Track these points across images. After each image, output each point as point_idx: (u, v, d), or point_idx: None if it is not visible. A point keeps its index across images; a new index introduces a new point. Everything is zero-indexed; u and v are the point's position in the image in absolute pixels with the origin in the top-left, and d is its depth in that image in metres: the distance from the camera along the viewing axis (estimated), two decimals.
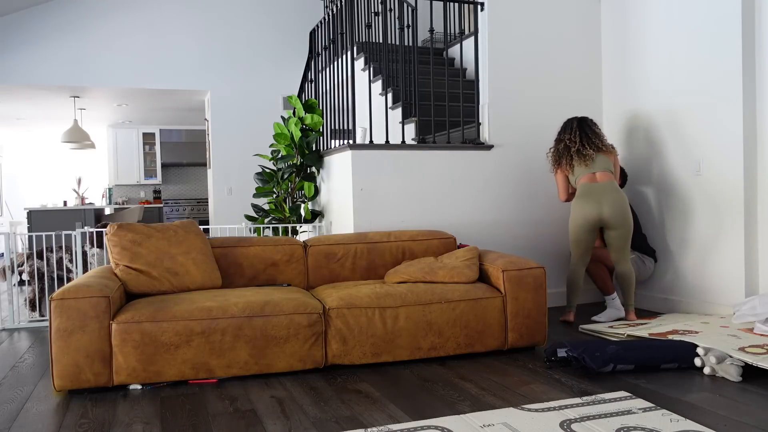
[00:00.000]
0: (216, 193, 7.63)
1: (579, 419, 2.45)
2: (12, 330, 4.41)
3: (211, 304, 3.09)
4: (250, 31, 7.57)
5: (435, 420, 2.47)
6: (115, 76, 7.12)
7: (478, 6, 4.79)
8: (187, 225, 3.69)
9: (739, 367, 2.95)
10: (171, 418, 2.60)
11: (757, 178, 3.99)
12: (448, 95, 4.82)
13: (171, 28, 7.29)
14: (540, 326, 3.55)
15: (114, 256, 3.39)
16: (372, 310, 3.27)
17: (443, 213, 4.58)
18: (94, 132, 10.96)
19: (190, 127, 11.15)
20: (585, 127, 4.24)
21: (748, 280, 4.00)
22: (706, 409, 2.56)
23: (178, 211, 10.95)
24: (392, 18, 5.24)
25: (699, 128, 4.26)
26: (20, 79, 6.86)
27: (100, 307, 2.90)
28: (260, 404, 2.75)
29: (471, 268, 3.64)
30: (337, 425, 2.47)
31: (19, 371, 3.36)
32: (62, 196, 11.85)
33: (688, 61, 4.32)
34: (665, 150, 4.47)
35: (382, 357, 3.28)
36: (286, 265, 3.84)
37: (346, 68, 4.95)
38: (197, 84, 7.43)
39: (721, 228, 4.13)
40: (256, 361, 3.08)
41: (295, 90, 7.54)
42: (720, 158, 4.11)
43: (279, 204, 5.38)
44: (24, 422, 2.58)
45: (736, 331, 3.43)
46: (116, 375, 2.93)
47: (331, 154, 4.85)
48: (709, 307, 4.20)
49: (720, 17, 4.06)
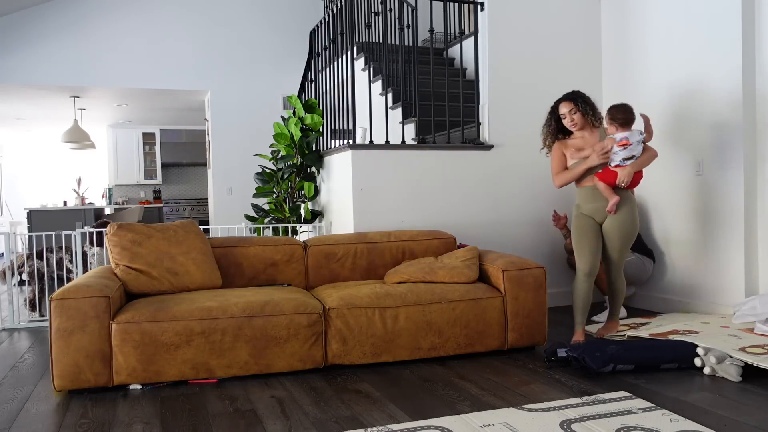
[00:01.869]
0: (216, 193, 7.63)
1: (579, 419, 2.45)
2: (12, 330, 4.41)
3: (211, 304, 3.09)
4: (250, 31, 7.57)
5: (435, 420, 2.47)
6: (115, 76, 7.12)
7: (478, 6, 4.79)
8: (187, 225, 3.69)
9: (739, 367, 2.95)
10: (171, 418, 2.60)
11: (757, 178, 3.99)
12: (448, 95, 4.82)
13: (171, 28, 7.29)
14: (540, 326, 3.55)
15: (114, 256, 3.39)
16: (372, 310, 3.27)
17: (443, 213, 4.58)
18: (94, 132, 10.96)
19: (190, 127, 11.15)
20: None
21: (748, 280, 4.00)
22: (706, 409, 2.56)
23: (178, 211, 10.95)
24: (392, 18, 5.23)
25: (699, 128, 4.25)
26: (20, 79, 6.85)
27: (100, 307, 2.90)
28: (260, 404, 2.75)
29: (471, 268, 3.63)
30: (337, 425, 2.47)
31: (19, 371, 3.36)
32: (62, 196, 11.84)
33: (688, 61, 4.32)
34: (665, 150, 4.47)
35: (382, 357, 3.28)
36: (286, 265, 3.84)
37: (346, 68, 4.94)
38: (197, 84, 7.43)
39: (721, 228, 4.13)
40: (256, 361, 3.08)
41: (295, 90, 7.53)
42: (720, 158, 4.11)
43: (279, 204, 5.38)
44: (24, 422, 2.58)
45: (736, 331, 3.43)
46: (116, 375, 2.93)
47: (331, 154, 4.84)
48: (709, 307, 4.20)
49: (720, 17, 4.06)
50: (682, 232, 4.42)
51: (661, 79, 4.54)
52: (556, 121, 3.73)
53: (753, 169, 3.99)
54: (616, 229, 3.60)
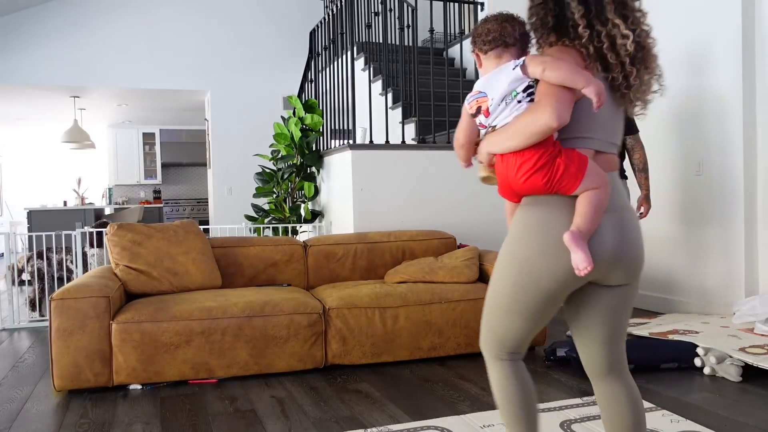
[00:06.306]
0: (216, 193, 7.63)
1: (579, 419, 2.45)
2: (12, 330, 4.40)
3: (211, 304, 3.09)
4: (250, 31, 7.57)
5: (435, 420, 2.47)
6: (115, 76, 7.12)
7: (478, 6, 4.79)
8: (187, 225, 3.69)
9: (739, 367, 2.95)
10: (171, 418, 2.60)
11: (757, 178, 3.99)
12: (448, 95, 4.81)
13: (171, 28, 7.28)
14: None
15: (114, 256, 3.39)
16: (372, 310, 3.26)
17: (443, 213, 4.57)
18: (94, 132, 10.95)
19: (190, 127, 11.14)
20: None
21: (748, 280, 3.99)
22: (706, 409, 2.56)
23: (178, 211, 10.94)
24: (392, 18, 5.23)
25: (699, 128, 4.25)
26: (20, 79, 6.85)
27: (100, 307, 2.90)
28: (260, 404, 2.75)
29: (471, 268, 3.63)
30: (337, 425, 2.47)
31: (19, 371, 3.35)
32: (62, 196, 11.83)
33: (688, 61, 4.31)
34: (665, 150, 4.47)
35: (382, 357, 3.28)
36: (286, 265, 3.84)
37: (346, 68, 4.94)
38: (197, 84, 7.43)
39: (721, 228, 4.13)
40: (256, 361, 3.08)
41: (295, 90, 7.53)
42: (720, 158, 4.11)
43: (279, 204, 5.38)
44: (24, 422, 2.58)
45: (736, 331, 3.43)
46: (116, 375, 2.93)
47: (331, 154, 4.84)
48: (709, 307, 4.20)
49: (720, 17, 4.06)
50: (682, 232, 4.42)
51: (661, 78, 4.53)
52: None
53: (753, 169, 3.99)
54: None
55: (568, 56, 1.45)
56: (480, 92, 1.52)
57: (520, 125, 1.41)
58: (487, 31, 1.54)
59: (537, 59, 1.43)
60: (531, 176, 1.43)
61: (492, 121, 1.50)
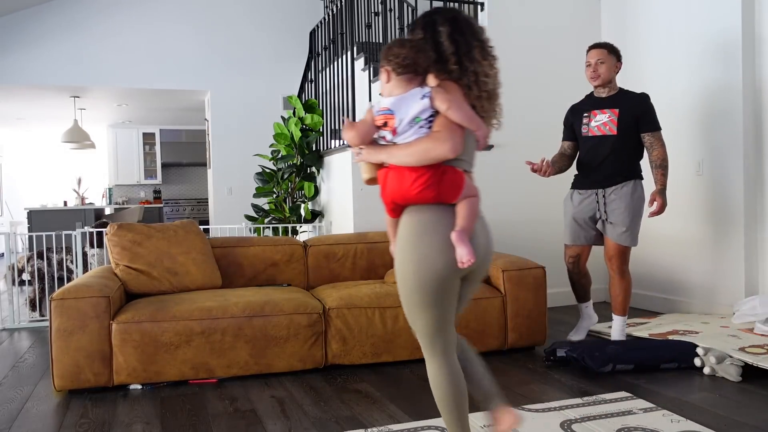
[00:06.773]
0: (216, 193, 7.63)
1: (579, 419, 2.45)
2: (12, 330, 4.40)
3: (211, 304, 3.09)
4: (250, 31, 7.56)
5: (435, 420, 2.47)
6: (115, 76, 7.11)
7: (478, 6, 4.79)
8: (187, 225, 3.69)
9: (739, 367, 2.95)
10: (171, 418, 2.60)
11: (757, 177, 3.99)
12: None
13: (171, 28, 7.28)
14: (540, 326, 3.55)
15: (114, 256, 3.39)
16: (372, 310, 3.26)
17: None
18: (94, 132, 10.94)
19: (190, 127, 11.14)
20: None
21: (748, 280, 3.99)
22: (706, 409, 2.56)
23: (178, 211, 10.94)
24: (392, 18, 5.23)
25: (699, 128, 4.25)
26: (20, 79, 6.85)
27: (100, 307, 2.90)
28: (260, 404, 2.75)
29: None
30: (337, 425, 2.47)
31: (20, 371, 3.35)
32: (62, 196, 11.83)
33: (687, 61, 4.32)
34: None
35: (382, 357, 3.28)
36: (286, 265, 3.84)
37: (346, 68, 4.94)
38: (197, 84, 7.42)
39: (721, 228, 4.13)
40: (256, 361, 3.08)
41: (295, 90, 7.53)
42: (720, 158, 4.11)
43: (279, 204, 5.38)
44: (24, 422, 2.58)
45: (736, 331, 3.43)
46: (116, 375, 2.93)
47: (331, 154, 4.84)
48: (709, 307, 4.20)
49: (720, 17, 4.06)
50: (682, 232, 4.41)
51: (661, 78, 4.53)
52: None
53: (753, 169, 3.99)
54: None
55: (459, 93, 1.75)
56: (389, 109, 1.73)
57: (420, 147, 1.68)
58: (404, 57, 1.72)
59: (442, 96, 1.69)
60: (424, 189, 1.71)
61: (397, 139, 1.73)
